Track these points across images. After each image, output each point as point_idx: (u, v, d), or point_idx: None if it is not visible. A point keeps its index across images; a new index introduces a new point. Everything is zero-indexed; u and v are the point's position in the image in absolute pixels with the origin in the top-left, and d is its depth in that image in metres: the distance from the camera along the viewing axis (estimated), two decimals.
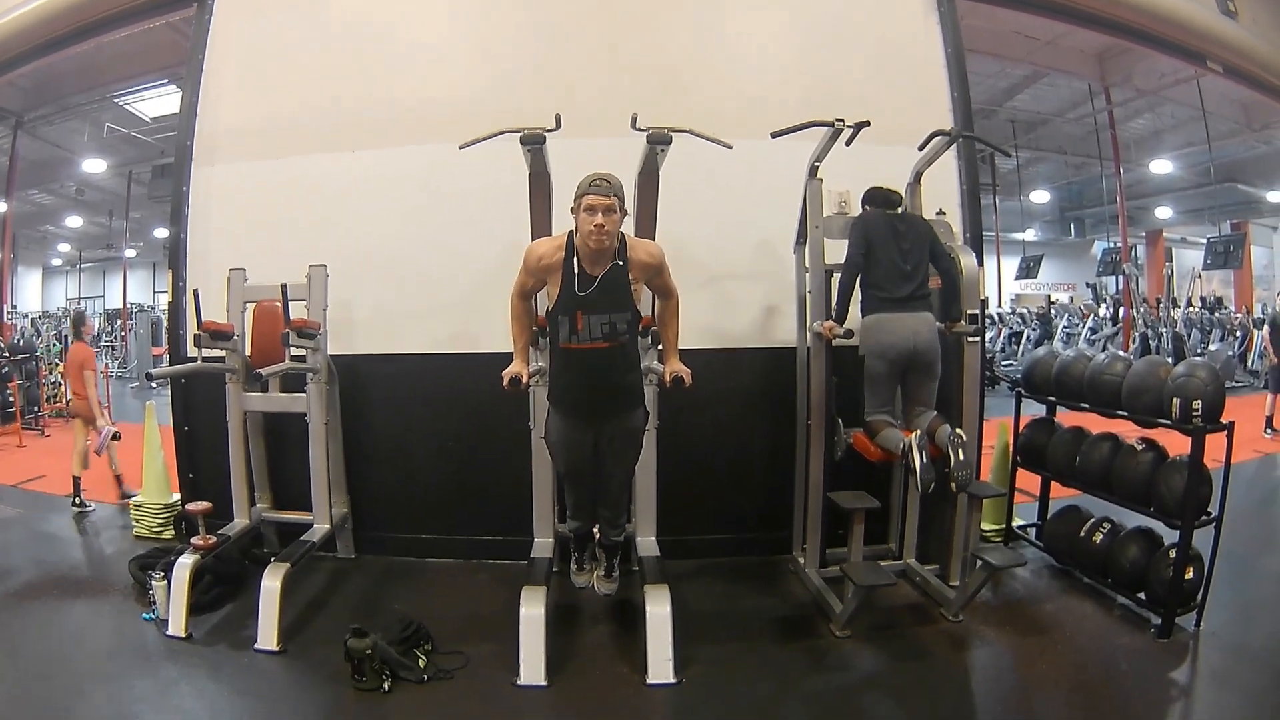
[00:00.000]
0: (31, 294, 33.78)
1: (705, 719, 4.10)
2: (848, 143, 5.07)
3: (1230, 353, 16.25)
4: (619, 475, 4.53)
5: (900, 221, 5.13)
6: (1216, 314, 19.31)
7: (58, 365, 15.26)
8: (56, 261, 34.56)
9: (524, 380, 4.19)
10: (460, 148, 4.86)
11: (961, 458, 4.66)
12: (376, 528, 6.30)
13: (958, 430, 4.79)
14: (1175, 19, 10.06)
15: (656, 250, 4.26)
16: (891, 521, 5.89)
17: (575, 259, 4.07)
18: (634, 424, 4.36)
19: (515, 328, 4.36)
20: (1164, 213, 25.47)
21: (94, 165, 18.95)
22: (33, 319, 27.13)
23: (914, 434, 4.78)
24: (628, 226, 4.39)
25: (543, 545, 5.34)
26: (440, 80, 6.28)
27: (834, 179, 5.40)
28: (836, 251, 5.25)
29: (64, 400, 13.48)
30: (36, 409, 12.47)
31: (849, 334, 5.06)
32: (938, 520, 5.64)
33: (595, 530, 4.81)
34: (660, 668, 4.36)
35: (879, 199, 5.21)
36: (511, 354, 4.31)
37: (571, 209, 4.04)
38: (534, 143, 4.75)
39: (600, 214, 3.90)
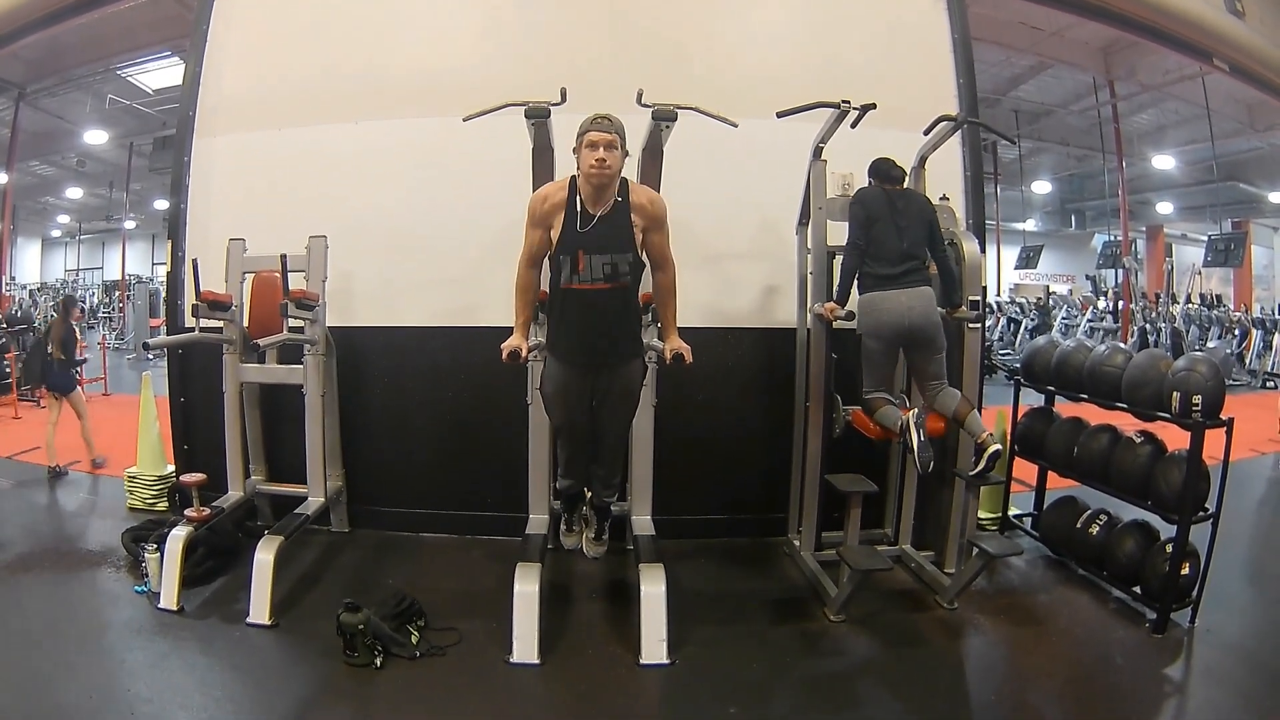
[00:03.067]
0: (30, 265, 33.76)
1: (698, 701, 4.08)
2: (853, 125, 5.06)
3: (1229, 351, 16.21)
4: (615, 430, 4.50)
5: (899, 198, 5.07)
6: (1215, 311, 19.26)
7: None
8: (56, 233, 34.61)
9: (523, 354, 4.17)
10: (465, 120, 4.82)
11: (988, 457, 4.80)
12: (371, 501, 6.29)
13: (989, 433, 4.85)
14: (1181, 15, 10.07)
15: (658, 198, 4.27)
16: (888, 506, 5.89)
17: (577, 198, 4.07)
18: (631, 375, 4.33)
19: (518, 301, 4.32)
20: (1165, 208, 25.51)
21: (95, 137, 18.94)
22: (31, 290, 27.20)
23: (911, 412, 4.79)
24: None
25: (537, 522, 5.32)
26: (444, 52, 6.24)
27: (838, 161, 5.36)
28: (839, 233, 5.23)
29: None
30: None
31: (850, 316, 5.04)
32: (934, 506, 5.65)
33: (587, 490, 4.78)
34: (654, 648, 4.36)
35: (881, 172, 5.15)
36: (511, 328, 4.28)
37: (574, 149, 4.06)
38: (538, 116, 4.72)
39: (602, 149, 3.92)
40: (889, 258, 4.94)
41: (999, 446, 4.84)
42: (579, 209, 4.06)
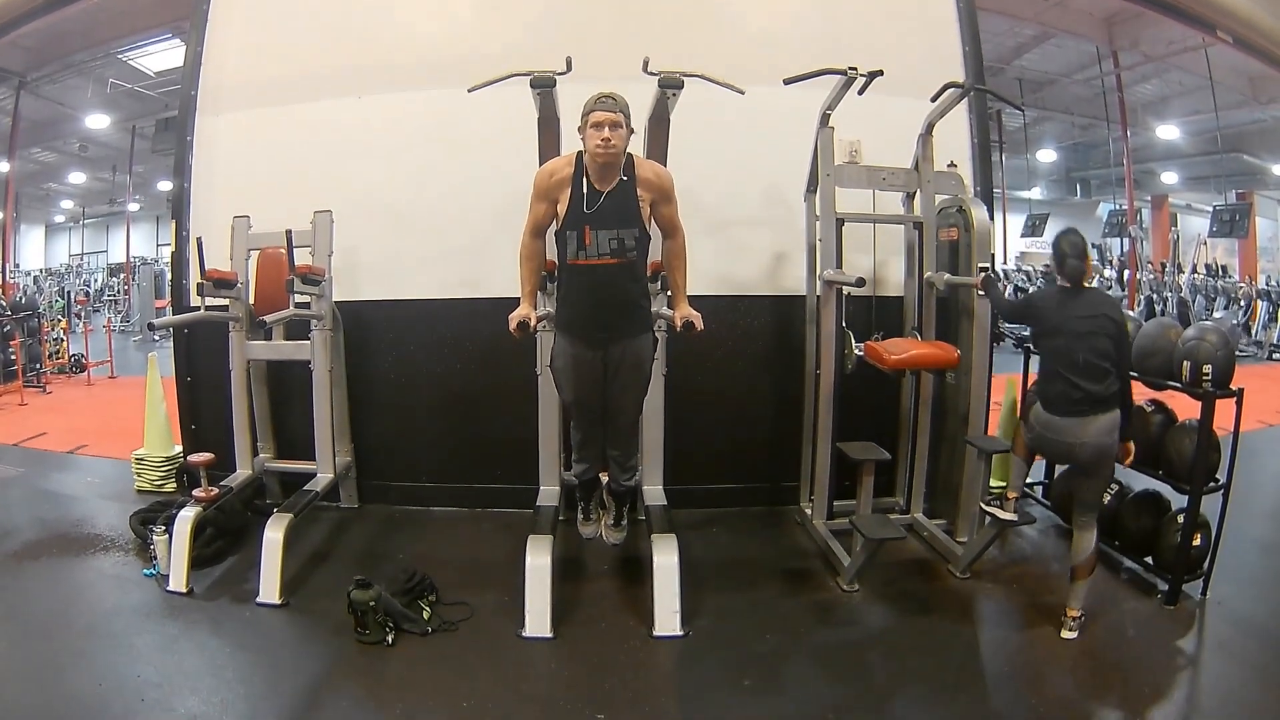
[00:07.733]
0: (34, 251, 33.72)
1: (712, 672, 4.08)
2: (860, 92, 5.00)
3: (1235, 321, 16.14)
4: (627, 409, 4.46)
5: (1076, 302, 4.32)
6: (1221, 282, 19.16)
7: (60, 322, 15.21)
8: (59, 218, 34.54)
9: (532, 324, 4.16)
10: (469, 90, 4.80)
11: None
12: (380, 476, 6.30)
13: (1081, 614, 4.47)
14: None
15: (665, 171, 4.26)
16: (899, 475, 5.88)
17: (584, 175, 4.06)
18: (641, 350, 4.29)
19: (525, 270, 4.29)
20: (1170, 178, 25.37)
21: (97, 121, 18.94)
22: (35, 276, 27.19)
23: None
24: None
25: (548, 494, 5.33)
26: (448, 23, 6.19)
27: (845, 127, 5.33)
28: (847, 200, 5.26)
29: (66, 357, 13.48)
30: (39, 366, 12.37)
31: (860, 282, 4.94)
32: (945, 475, 5.62)
33: (603, 476, 4.75)
34: (667, 620, 4.36)
35: (1059, 258, 4.38)
36: (519, 298, 4.26)
37: (579, 128, 4.03)
38: (544, 86, 4.68)
39: (607, 128, 3.89)
40: (1060, 373, 4.27)
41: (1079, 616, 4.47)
42: (585, 186, 4.05)
